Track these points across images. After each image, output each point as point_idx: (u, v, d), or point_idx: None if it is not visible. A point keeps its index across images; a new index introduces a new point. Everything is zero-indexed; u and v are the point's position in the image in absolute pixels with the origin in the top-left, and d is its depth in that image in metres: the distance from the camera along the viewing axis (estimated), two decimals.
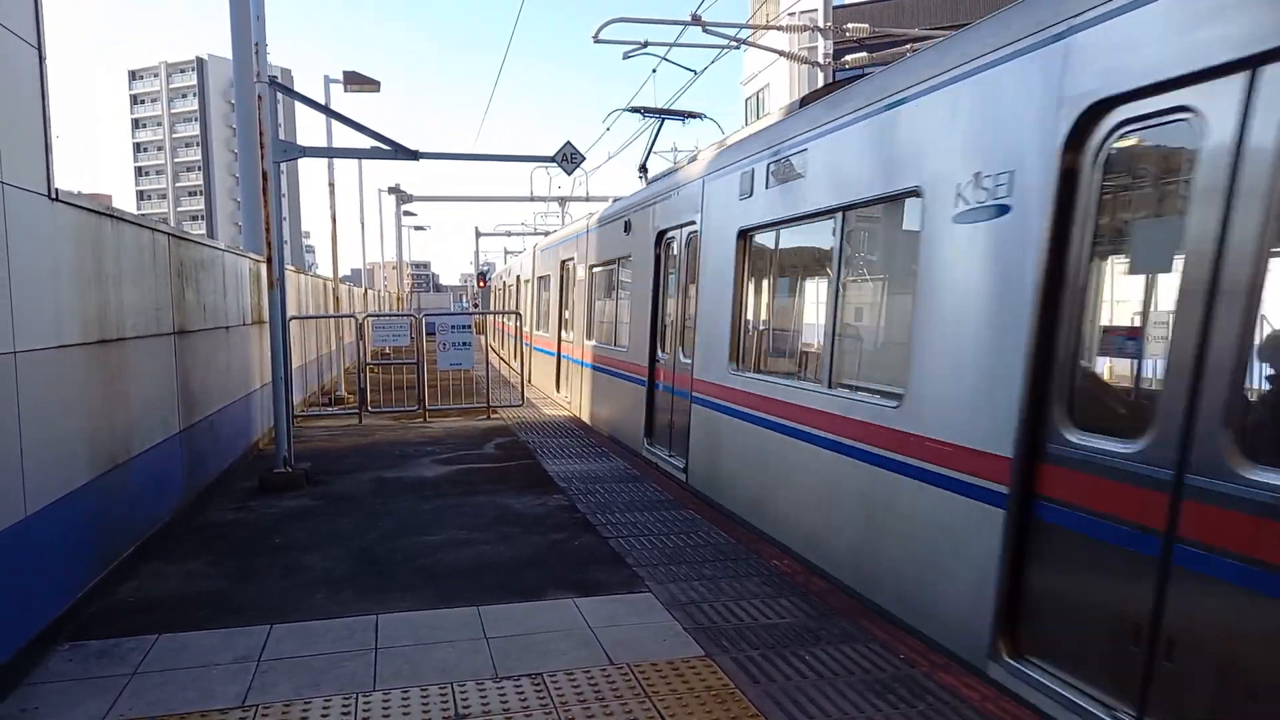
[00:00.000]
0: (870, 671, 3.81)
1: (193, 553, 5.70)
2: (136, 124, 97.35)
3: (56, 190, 4.34)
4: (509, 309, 24.17)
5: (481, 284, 37.57)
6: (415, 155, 8.28)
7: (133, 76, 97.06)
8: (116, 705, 3.54)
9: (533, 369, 17.72)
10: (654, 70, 14.90)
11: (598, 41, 12.07)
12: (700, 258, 7.63)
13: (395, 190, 29.42)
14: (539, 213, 38.91)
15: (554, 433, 10.87)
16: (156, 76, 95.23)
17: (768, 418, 6.18)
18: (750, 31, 15.60)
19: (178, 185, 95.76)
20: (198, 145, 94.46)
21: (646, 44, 12.44)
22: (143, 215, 6.17)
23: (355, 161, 21.68)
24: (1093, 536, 3.33)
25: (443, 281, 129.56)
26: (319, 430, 11.30)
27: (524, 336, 19.29)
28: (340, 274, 16.31)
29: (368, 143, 8.09)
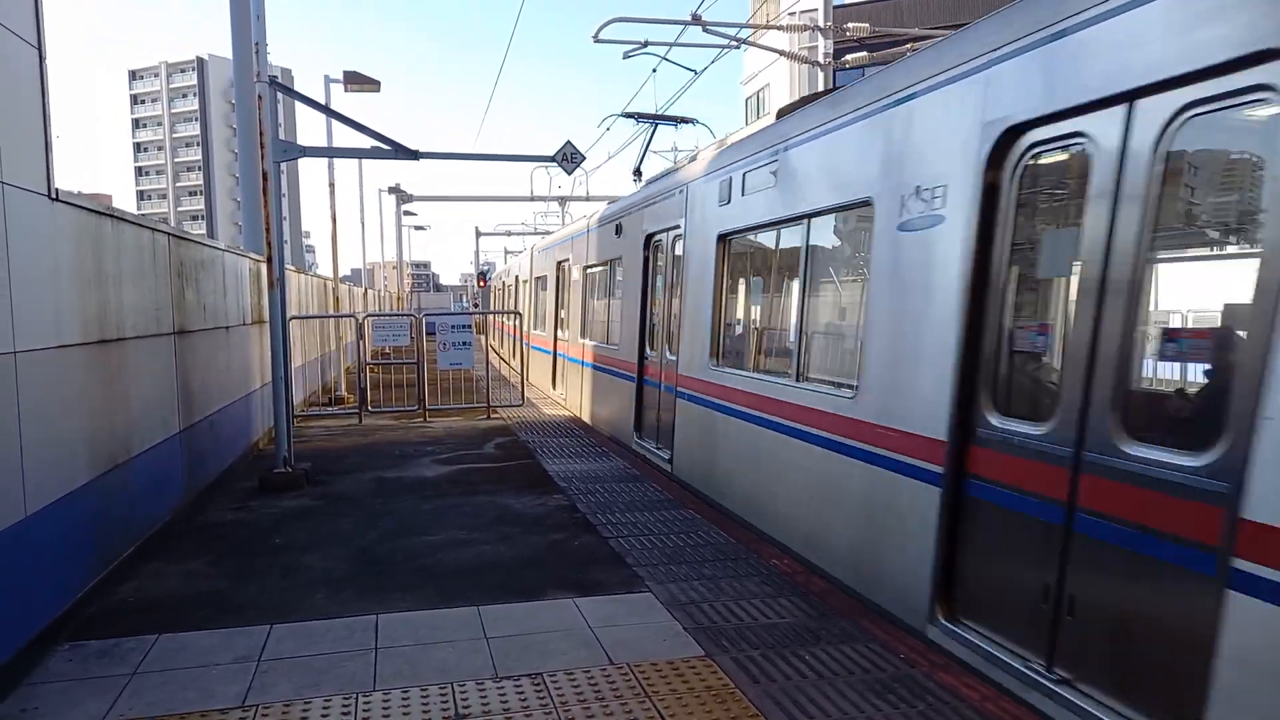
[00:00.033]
0: (870, 671, 3.81)
1: (193, 553, 5.71)
2: (137, 124, 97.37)
3: (56, 190, 4.35)
4: (509, 309, 24.23)
5: (481, 284, 37.56)
6: (415, 155, 8.29)
7: (133, 76, 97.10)
8: (116, 705, 3.55)
9: (530, 366, 18.08)
10: (654, 70, 14.93)
11: (598, 41, 12.07)
12: (685, 260, 8.03)
13: (395, 190, 29.41)
14: (539, 212, 38.85)
15: (554, 432, 10.87)
16: (157, 76, 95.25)
17: (745, 410, 6.57)
18: (750, 31, 15.60)
19: (178, 185, 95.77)
20: (198, 145, 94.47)
21: (646, 44, 12.43)
22: (143, 215, 6.17)
23: (355, 161, 21.69)
24: (1012, 509, 3.77)
25: (443, 281, 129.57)
26: (319, 430, 11.31)
27: (524, 336, 19.45)
28: (340, 274, 16.31)
29: (368, 143, 8.10)
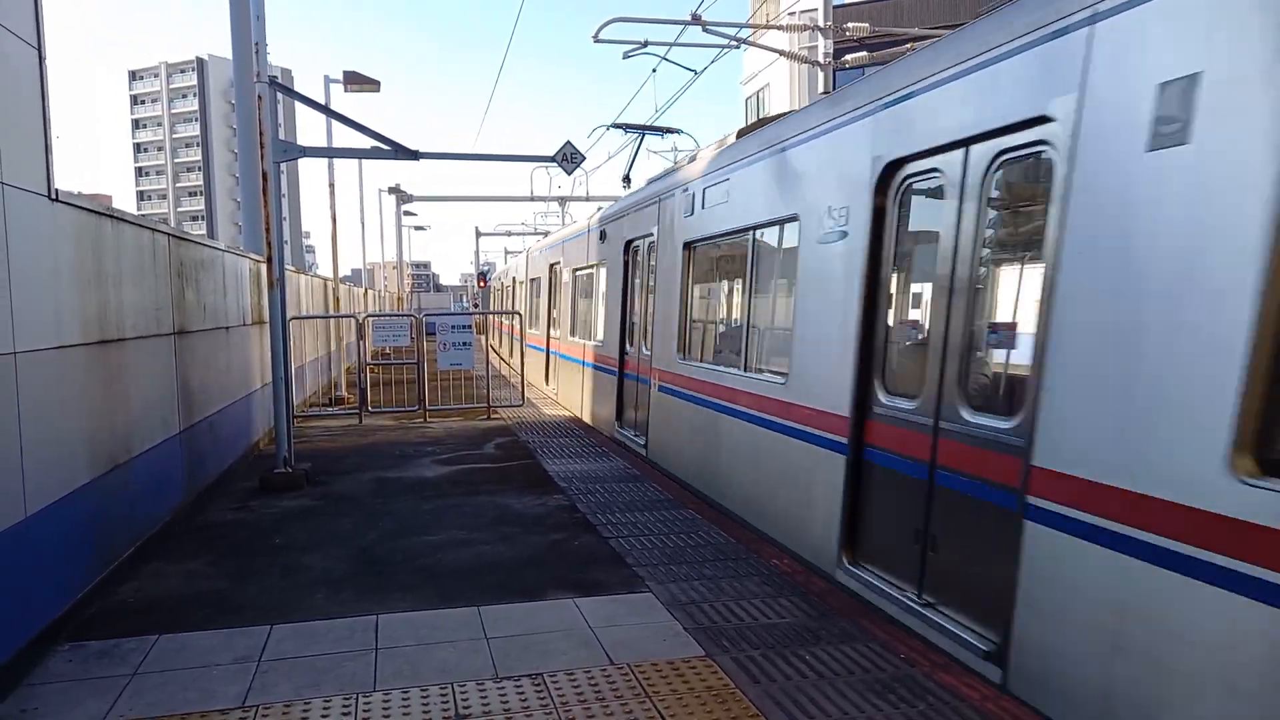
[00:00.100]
0: (870, 671, 3.81)
1: (193, 553, 5.71)
2: (137, 124, 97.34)
3: (56, 190, 4.34)
4: (508, 309, 24.30)
5: (482, 284, 37.54)
6: (415, 155, 8.29)
7: (133, 77, 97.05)
8: (116, 705, 3.55)
9: (527, 363, 18.46)
10: (654, 70, 14.87)
11: (598, 41, 12.05)
12: (657, 265, 8.96)
13: (395, 190, 29.35)
14: (539, 213, 38.71)
15: (554, 432, 10.88)
16: (156, 77, 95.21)
17: (705, 398, 7.45)
18: (750, 31, 15.59)
19: (178, 185, 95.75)
20: (198, 145, 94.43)
21: (646, 44, 12.41)
22: (143, 215, 6.17)
23: (355, 161, 21.67)
24: (895, 470, 4.68)
25: (443, 281, 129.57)
26: (319, 430, 11.31)
27: (523, 336, 19.67)
28: (340, 274, 16.30)
29: (368, 143, 8.09)
